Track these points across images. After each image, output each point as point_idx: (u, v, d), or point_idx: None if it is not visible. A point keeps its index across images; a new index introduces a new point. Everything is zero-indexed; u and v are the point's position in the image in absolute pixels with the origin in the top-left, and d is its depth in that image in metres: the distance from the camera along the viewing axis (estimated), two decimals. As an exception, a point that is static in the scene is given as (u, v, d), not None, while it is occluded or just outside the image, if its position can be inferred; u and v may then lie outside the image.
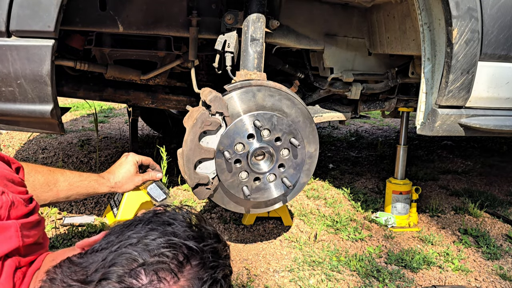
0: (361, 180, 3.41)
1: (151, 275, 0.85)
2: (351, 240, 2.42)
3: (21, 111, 1.58)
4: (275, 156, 1.80)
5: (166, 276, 0.86)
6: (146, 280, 0.85)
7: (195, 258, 0.90)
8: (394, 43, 2.20)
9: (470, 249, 2.41)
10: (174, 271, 0.86)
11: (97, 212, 2.64)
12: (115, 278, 0.84)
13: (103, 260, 0.88)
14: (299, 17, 2.21)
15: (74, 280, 0.89)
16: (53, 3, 1.48)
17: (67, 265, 0.93)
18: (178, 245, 0.89)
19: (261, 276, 2.04)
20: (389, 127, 5.68)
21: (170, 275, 0.86)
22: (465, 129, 1.97)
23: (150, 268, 0.86)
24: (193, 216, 0.99)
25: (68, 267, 0.93)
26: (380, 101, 2.61)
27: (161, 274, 0.85)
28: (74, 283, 0.88)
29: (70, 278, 0.90)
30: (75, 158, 3.52)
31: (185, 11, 1.96)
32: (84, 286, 0.87)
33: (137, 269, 0.85)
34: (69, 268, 0.92)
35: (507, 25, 1.83)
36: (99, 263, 0.88)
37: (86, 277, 0.88)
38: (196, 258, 0.90)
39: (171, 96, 2.52)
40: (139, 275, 0.85)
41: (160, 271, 0.86)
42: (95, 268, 0.88)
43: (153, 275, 0.85)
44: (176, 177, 3.05)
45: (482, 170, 3.81)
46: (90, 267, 0.89)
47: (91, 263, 0.90)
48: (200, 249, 0.91)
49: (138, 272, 0.85)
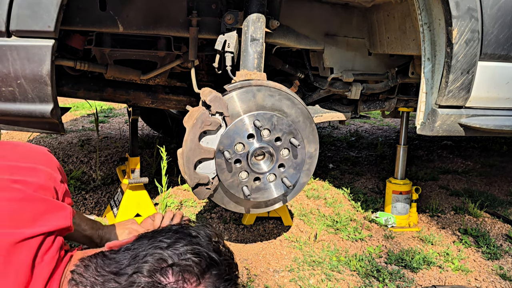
0: (361, 180, 3.41)
1: (178, 275, 0.96)
2: (351, 240, 2.42)
3: (21, 111, 1.57)
4: (275, 156, 1.80)
5: (190, 278, 0.97)
6: (173, 279, 0.95)
7: (215, 268, 1.01)
8: (394, 43, 2.20)
9: (470, 249, 2.41)
10: (197, 275, 0.98)
11: (97, 212, 2.64)
12: (146, 273, 0.95)
13: (136, 257, 0.99)
14: (299, 17, 2.21)
15: (107, 271, 0.99)
16: (53, 3, 1.48)
17: (101, 257, 1.04)
18: (202, 254, 1.01)
19: (261, 276, 2.04)
20: (389, 127, 5.68)
21: (194, 278, 0.97)
22: (465, 129, 1.97)
23: (177, 269, 0.97)
24: (213, 233, 1.11)
25: (102, 259, 1.04)
26: (380, 101, 2.61)
27: (186, 276, 0.97)
28: (107, 274, 0.99)
29: (103, 269, 1.00)
30: (75, 158, 3.52)
31: (185, 11, 1.96)
32: (117, 277, 0.97)
33: (166, 268, 0.96)
34: (103, 260, 1.03)
35: (507, 25, 1.83)
36: (131, 259, 1.00)
37: (119, 269, 0.99)
38: (215, 268, 1.01)
39: (171, 96, 2.52)
40: (167, 274, 0.96)
41: (186, 273, 0.97)
42: (128, 263, 0.99)
43: (179, 276, 0.96)
44: (176, 177, 3.05)
45: (482, 170, 3.81)
46: (123, 261, 1.00)
47: (124, 259, 1.01)
48: (220, 261, 1.03)
49: (166, 271, 0.96)
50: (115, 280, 0.97)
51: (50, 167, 1.18)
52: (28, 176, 1.10)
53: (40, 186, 1.10)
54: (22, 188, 1.06)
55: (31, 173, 1.12)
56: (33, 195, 1.07)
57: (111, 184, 3.04)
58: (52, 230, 1.05)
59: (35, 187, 1.09)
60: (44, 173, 1.14)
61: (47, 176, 1.14)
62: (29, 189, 1.07)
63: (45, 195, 1.10)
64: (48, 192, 1.11)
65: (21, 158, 1.17)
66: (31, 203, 1.06)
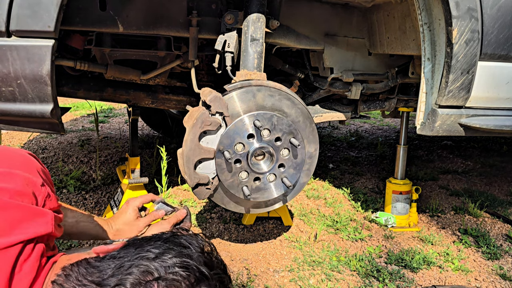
0: (361, 180, 3.41)
1: None
2: (351, 240, 2.42)
3: (21, 111, 1.57)
4: (275, 156, 1.80)
5: None
6: None
7: (204, 283, 0.95)
8: (394, 43, 2.20)
9: (470, 249, 2.41)
10: None
11: (97, 212, 2.64)
12: (129, 286, 0.88)
13: (121, 267, 0.93)
14: (299, 17, 2.21)
15: (89, 280, 0.93)
16: (53, 3, 1.47)
17: (84, 266, 0.98)
18: (191, 267, 0.94)
19: (261, 276, 2.04)
20: (389, 127, 5.68)
21: None
22: (465, 129, 1.97)
23: (164, 283, 0.90)
24: (206, 243, 1.05)
25: (85, 267, 0.97)
26: (380, 101, 2.61)
27: None
28: (89, 284, 0.93)
29: (85, 278, 0.94)
30: (75, 158, 3.52)
31: (185, 11, 1.96)
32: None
33: (151, 282, 0.90)
34: (85, 269, 0.97)
35: (507, 25, 1.83)
36: (116, 269, 0.93)
37: (101, 279, 0.92)
38: (205, 283, 0.95)
39: (171, 96, 2.52)
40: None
41: None
42: (112, 273, 0.92)
43: None
44: (176, 177, 3.05)
45: (482, 170, 3.81)
46: (107, 271, 0.94)
47: (108, 268, 0.94)
48: (211, 276, 0.96)
49: (151, 285, 0.89)
50: None
51: (28, 171, 1.12)
52: (2, 182, 1.04)
53: (16, 192, 1.04)
54: None
55: (6, 178, 1.06)
56: (8, 202, 1.01)
57: (111, 184, 3.04)
58: (30, 238, 1.01)
59: (11, 194, 1.03)
60: (21, 178, 1.08)
61: (23, 181, 1.08)
62: (4, 196, 1.01)
63: (22, 201, 1.04)
64: (26, 198, 1.06)
65: None
66: (6, 211, 1.00)
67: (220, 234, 2.43)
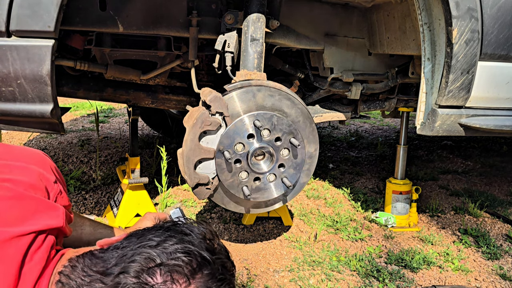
0: (361, 180, 3.41)
1: (166, 276, 0.91)
2: (351, 240, 2.42)
3: (21, 111, 1.57)
4: (275, 156, 1.80)
5: (179, 278, 0.92)
6: (161, 279, 0.91)
7: (207, 268, 0.96)
8: (394, 43, 2.20)
9: (470, 249, 2.41)
10: (187, 275, 0.93)
11: (97, 212, 2.64)
12: (133, 273, 0.91)
13: (123, 256, 0.95)
14: (299, 17, 2.21)
15: (94, 271, 0.96)
16: (53, 3, 1.48)
17: (89, 257, 1.01)
18: (193, 253, 0.96)
19: (261, 276, 2.04)
20: (389, 127, 5.68)
21: (183, 278, 0.92)
22: (465, 129, 1.97)
23: (166, 269, 0.92)
24: (208, 230, 1.06)
25: (89, 258, 1.00)
26: (380, 101, 2.61)
27: (175, 276, 0.92)
28: (94, 274, 0.95)
29: (90, 268, 0.97)
30: (75, 158, 3.52)
31: (185, 11, 1.96)
32: (103, 277, 0.94)
33: (154, 268, 0.92)
34: (90, 260, 1.00)
35: (507, 25, 1.83)
36: (119, 258, 0.95)
37: (106, 269, 0.95)
38: (207, 268, 0.96)
39: (171, 96, 2.52)
40: (155, 274, 0.91)
41: (175, 273, 0.92)
42: (115, 262, 0.95)
43: (168, 276, 0.91)
44: (176, 177, 3.05)
45: (482, 170, 3.81)
46: (110, 261, 0.96)
47: (111, 258, 0.97)
48: (213, 260, 0.98)
49: (154, 271, 0.91)
50: (101, 280, 0.94)
51: (42, 167, 1.17)
52: (19, 175, 1.09)
53: (30, 185, 1.09)
54: (12, 187, 1.06)
55: (22, 172, 1.11)
56: (23, 193, 1.06)
57: (111, 184, 3.04)
58: (42, 229, 1.04)
59: (26, 186, 1.08)
60: (36, 173, 1.13)
61: (38, 176, 1.13)
62: (19, 188, 1.06)
63: (35, 194, 1.09)
64: (39, 192, 1.10)
65: (13, 158, 1.16)
66: (21, 201, 1.05)
67: (220, 234, 2.43)
